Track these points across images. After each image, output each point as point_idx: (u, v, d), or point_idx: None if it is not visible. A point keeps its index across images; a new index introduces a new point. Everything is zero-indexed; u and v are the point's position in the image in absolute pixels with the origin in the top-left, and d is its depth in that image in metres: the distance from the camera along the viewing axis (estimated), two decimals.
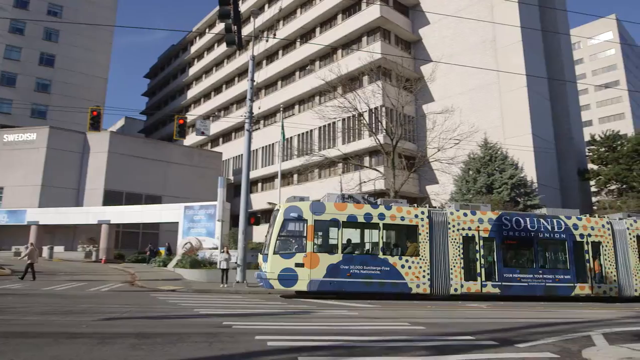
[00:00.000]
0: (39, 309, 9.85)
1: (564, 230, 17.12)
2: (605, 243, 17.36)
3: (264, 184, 44.06)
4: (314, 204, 15.53)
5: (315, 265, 14.79)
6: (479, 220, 16.48)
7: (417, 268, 15.43)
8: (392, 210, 15.84)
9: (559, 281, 16.60)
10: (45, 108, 48.85)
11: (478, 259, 16.05)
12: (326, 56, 40.26)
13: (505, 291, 15.96)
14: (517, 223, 16.85)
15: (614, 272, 17.17)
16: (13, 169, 36.78)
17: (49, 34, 50.75)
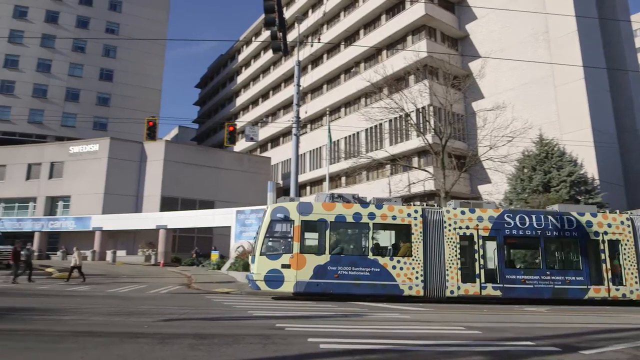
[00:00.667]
0: (104, 310, 10.44)
1: (575, 228, 15.75)
2: (625, 241, 15.76)
3: (312, 187, 44.43)
4: (301, 205, 15.26)
5: (301, 267, 14.54)
6: (478, 219, 15.53)
7: (410, 269, 14.80)
8: (383, 210, 15.31)
9: (570, 283, 15.24)
10: (106, 120, 51.88)
11: (477, 260, 15.12)
12: (371, 57, 40.10)
13: (507, 293, 14.98)
14: (522, 221, 15.71)
15: (636, 272, 15.51)
16: (79, 178, 39.29)
17: (107, 51, 53.95)
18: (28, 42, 50.62)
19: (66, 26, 52.76)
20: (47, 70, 51.57)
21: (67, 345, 6.33)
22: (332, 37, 43.27)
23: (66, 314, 9.61)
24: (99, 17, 54.59)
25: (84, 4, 54.25)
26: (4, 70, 50.33)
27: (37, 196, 40.63)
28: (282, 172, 48.68)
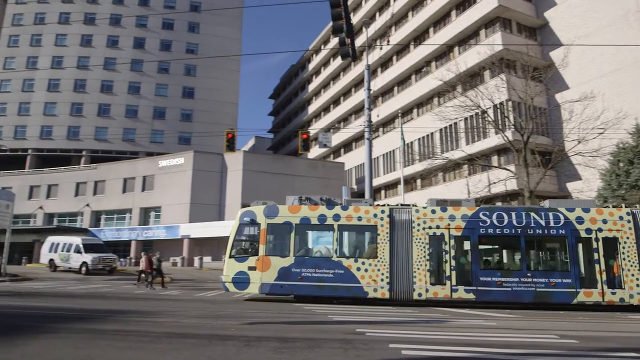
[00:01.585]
0: (194, 313, 11.12)
1: (563, 225, 14.21)
2: (623, 239, 13.91)
3: (387, 190, 44.00)
4: (267, 208, 15.38)
5: (266, 269, 14.67)
6: (450, 218, 14.63)
7: (375, 271, 14.33)
8: (349, 211, 14.98)
9: (555, 286, 13.79)
10: (189, 135, 55.39)
11: (448, 261, 14.25)
12: (442, 55, 39.00)
13: (481, 297, 13.91)
14: (499, 218, 14.48)
15: (637, 274, 13.62)
16: (167, 190, 42.26)
17: (188, 70, 57.73)
18: (120, 67, 55.63)
19: (151, 50, 57.30)
20: (136, 92, 56.29)
21: (162, 345, 6.84)
22: (400, 38, 42.73)
23: (161, 316, 10.37)
24: (180, 39, 58.61)
25: (166, 28, 58.58)
26: (101, 95, 55.67)
27: (132, 207, 44.27)
28: (356, 176, 48.76)
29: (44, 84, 55.86)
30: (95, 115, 55.12)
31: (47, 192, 47.78)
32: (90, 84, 55.90)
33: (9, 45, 57.70)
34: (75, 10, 57.54)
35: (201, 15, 58.32)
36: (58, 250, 31.32)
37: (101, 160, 50.95)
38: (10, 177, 47.86)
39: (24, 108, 55.56)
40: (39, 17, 58.12)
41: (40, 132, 54.68)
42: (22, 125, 55.09)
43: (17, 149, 53.21)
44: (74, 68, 55.11)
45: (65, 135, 54.46)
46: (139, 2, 58.27)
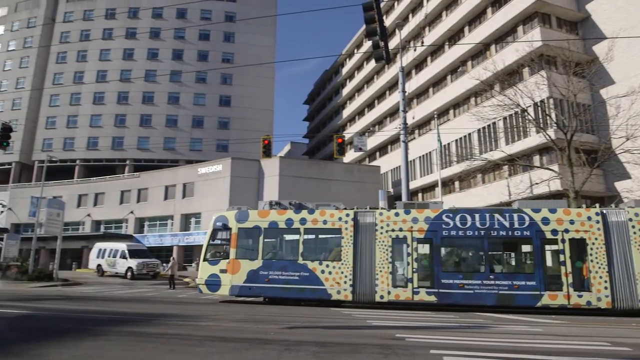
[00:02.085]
0: (234, 316, 11.32)
1: (528, 226, 13.93)
2: (592, 240, 13.55)
3: (424, 193, 43.35)
4: (238, 213, 15.95)
5: (236, 271, 15.26)
6: (413, 220, 14.67)
7: (339, 273, 14.63)
8: (315, 214, 15.35)
9: (519, 288, 13.57)
10: (227, 142, 56.57)
11: (410, 263, 14.34)
12: (478, 54, 38.16)
13: (442, 299, 13.96)
14: (463, 220, 14.40)
15: (606, 276, 13.17)
16: (207, 196, 43.25)
17: (224, 79, 59.08)
18: (160, 79, 57.59)
19: (189, 61, 59.03)
20: (176, 102, 58.07)
21: (204, 349, 7.00)
22: (435, 39, 42.15)
23: (202, 320, 10.61)
24: (216, 49, 60.10)
25: (203, 39, 60.23)
26: (142, 106, 57.78)
27: (173, 214, 45.58)
28: (392, 180, 48.33)
29: (90, 97, 58.56)
30: (137, 126, 57.27)
31: (94, 201, 49.92)
32: (132, 96, 58.18)
33: (57, 61, 60.90)
34: (117, 26, 60.12)
35: (236, 25, 59.61)
36: (105, 256, 32.67)
37: (144, 168, 52.80)
38: (60, 187, 50.33)
39: (72, 121, 58.42)
40: (84, 34, 61.07)
41: (87, 143, 57.30)
42: (71, 137, 57.91)
43: (66, 160, 55.90)
44: (117, 81, 57.54)
45: (110, 145, 56.85)
46: (176, 15, 60.22)
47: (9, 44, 63.33)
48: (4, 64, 62.58)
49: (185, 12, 60.23)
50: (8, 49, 63.09)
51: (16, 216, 48.85)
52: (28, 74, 60.91)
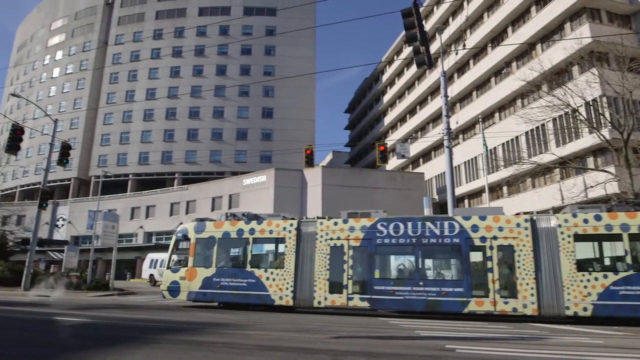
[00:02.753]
0: (281, 326, 11.42)
1: (457, 234, 14.26)
2: (519, 246, 13.68)
3: (471, 199, 42.20)
4: (197, 225, 17.08)
5: (193, 278, 16.38)
6: (350, 229, 15.32)
7: (281, 280, 15.43)
8: (263, 225, 16.27)
9: (447, 295, 13.91)
10: (270, 153, 57.59)
11: (345, 270, 14.92)
12: (523, 55, 36.95)
13: (375, 305, 14.55)
14: (396, 229, 14.91)
15: (533, 283, 13.30)
16: (252, 207, 43.96)
17: (266, 91, 60.35)
18: (205, 94, 59.65)
19: (232, 76, 60.81)
20: (220, 116, 59.87)
21: (254, 358, 7.10)
22: (477, 41, 41.24)
23: (250, 329, 10.79)
24: (258, 63, 61.60)
25: (245, 54, 61.92)
26: (189, 121, 59.94)
27: None
28: (436, 186, 47.39)
29: (140, 115, 61.43)
30: (185, 140, 59.42)
31: (146, 213, 52.08)
32: (179, 112, 60.52)
33: (110, 82, 64.39)
34: (164, 46, 62.94)
35: (276, 39, 60.88)
36: (157, 266, 33.90)
37: (191, 181, 54.58)
38: (114, 200, 52.90)
39: (124, 137, 61.44)
40: (134, 54, 64.33)
41: (139, 158, 59.99)
42: (124, 153, 60.87)
43: (120, 175, 58.75)
44: (165, 98, 60.15)
45: (160, 159, 59.25)
46: (219, 32, 62.28)
47: (67, 68, 67.64)
48: (63, 86, 66.85)
49: (228, 28, 62.19)
50: (66, 72, 67.38)
51: (75, 229, 51.69)
52: (84, 94, 64.74)
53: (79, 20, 69.74)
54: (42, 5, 77.19)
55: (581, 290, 12.95)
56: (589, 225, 13.43)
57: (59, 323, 10.68)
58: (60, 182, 61.70)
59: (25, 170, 64.55)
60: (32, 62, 72.42)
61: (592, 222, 13.44)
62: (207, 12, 63.61)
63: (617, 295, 12.66)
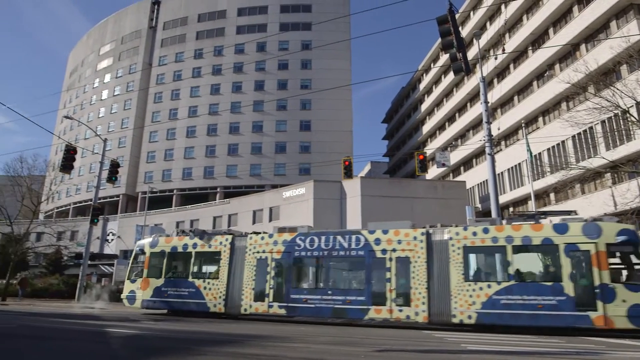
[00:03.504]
0: (323, 338, 11.41)
1: (362, 247, 15.50)
2: (415, 258, 14.72)
3: (516, 207, 40.78)
4: (152, 240, 19.16)
5: (146, 288, 18.39)
6: (274, 243, 16.93)
7: (216, 289, 17.22)
8: (204, 240, 18.25)
9: (350, 303, 15.15)
10: (308, 165, 58.08)
11: (267, 281, 16.45)
12: (566, 56, 35.66)
13: (291, 312, 15.92)
14: (311, 242, 16.33)
15: (425, 292, 14.20)
16: (292, 219, 44.40)
17: (304, 104, 61.12)
18: (244, 109, 61.14)
19: (270, 90, 62.06)
20: (259, 130, 61.07)
21: None
22: (516, 45, 40.20)
23: (293, 341, 10.84)
24: (294, 77, 62.61)
25: (282, 69, 63.12)
26: (229, 136, 61.51)
27: None
28: (479, 195, 46.18)
29: (183, 132, 63.60)
30: (225, 155, 60.93)
31: (190, 227, 53.56)
32: (220, 127, 62.23)
33: (155, 101, 67.17)
34: (205, 64, 65.18)
35: (312, 52, 61.69)
36: None
37: (233, 195, 55.76)
38: (160, 215, 54.74)
39: (168, 154, 63.73)
40: (176, 74, 66.92)
41: (182, 173, 61.99)
42: (168, 169, 63.07)
43: (165, 190, 60.86)
44: (206, 115, 62.10)
45: (202, 174, 60.97)
46: (257, 49, 63.84)
47: (115, 89, 71.16)
48: (111, 107, 70.32)
49: (265, 45, 63.65)
50: (114, 94, 70.89)
51: (124, 243, 53.78)
52: (131, 114, 67.79)
53: (125, 44, 73.42)
54: (91, 31, 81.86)
55: (467, 299, 13.76)
56: (477, 238, 14.19)
57: (110, 334, 11.13)
58: (110, 199, 64.54)
59: (78, 188, 68.02)
60: (83, 85, 76.73)
61: (481, 234, 14.18)
62: (244, 30, 65.45)
63: (499, 304, 13.38)
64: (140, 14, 73.94)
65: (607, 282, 12.63)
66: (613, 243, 12.95)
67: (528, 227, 13.89)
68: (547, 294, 13.05)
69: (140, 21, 73.26)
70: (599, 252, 12.91)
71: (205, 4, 69.07)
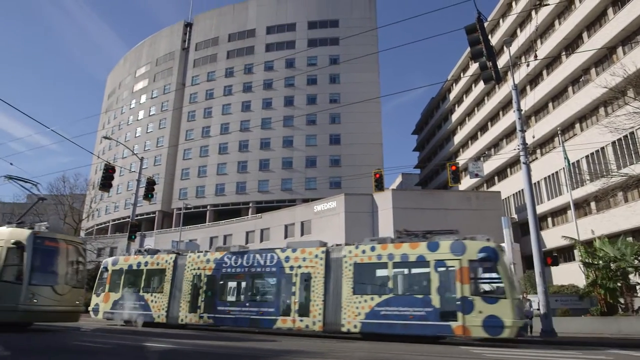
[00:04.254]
0: (357, 354, 11.30)
1: (275, 264, 17.26)
2: (315, 274, 16.42)
3: (554, 217, 39.42)
4: (114, 259, 21.82)
5: (107, 301, 20.70)
6: (207, 261, 18.94)
7: (160, 302, 19.37)
8: (154, 258, 20.43)
9: (262, 314, 16.88)
10: (339, 179, 58.13)
11: (200, 294, 18.49)
12: (602, 60, 34.54)
13: (217, 322, 17.92)
14: (236, 260, 18.26)
15: (321, 304, 15.95)
16: (324, 233, 44.42)
17: (333, 118, 61.48)
18: (274, 125, 62.03)
19: (300, 105, 62.80)
20: (290, 145, 61.74)
21: None
22: (549, 50, 39.30)
23: (328, 357, 10.78)
24: (323, 91, 63.20)
25: (311, 84, 63.86)
26: (260, 152, 62.43)
27: None
28: (515, 205, 44.92)
29: (216, 149, 65.02)
30: (257, 170, 61.81)
31: (223, 241, 54.30)
32: (251, 143, 63.30)
33: (188, 120, 69.12)
34: (235, 82, 66.75)
35: (340, 67, 62.17)
36: None
37: (265, 209, 56.34)
38: (195, 230, 55.85)
39: (202, 171, 65.20)
40: (208, 93, 68.77)
41: (215, 189, 63.20)
42: (202, 186, 64.46)
43: (199, 206, 62.13)
44: (238, 131, 63.33)
45: (235, 190, 61.97)
46: (285, 65, 64.91)
47: (150, 110, 73.71)
48: (147, 126, 72.79)
49: (293, 61, 64.65)
50: (150, 114, 73.42)
51: None
52: (165, 133, 69.92)
53: (160, 65, 76.15)
54: (128, 55, 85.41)
55: (354, 311, 15.32)
56: (366, 255, 15.80)
57: (148, 349, 11.38)
58: (147, 215, 66.40)
59: (116, 206, 70.37)
60: (120, 106, 79.91)
61: (368, 252, 15.79)
62: (273, 48, 66.76)
63: (379, 315, 14.82)
64: (174, 36, 76.69)
65: (467, 295, 13.81)
66: (474, 260, 14.11)
67: (407, 245, 15.36)
68: (418, 305, 14.43)
69: (174, 43, 75.94)
70: (462, 268, 14.15)
71: (235, 24, 71.01)
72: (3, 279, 14.15)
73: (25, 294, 13.83)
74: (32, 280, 14.14)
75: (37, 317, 14.54)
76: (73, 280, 15.64)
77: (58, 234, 15.83)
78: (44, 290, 14.31)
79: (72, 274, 15.70)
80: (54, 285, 14.68)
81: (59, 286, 14.83)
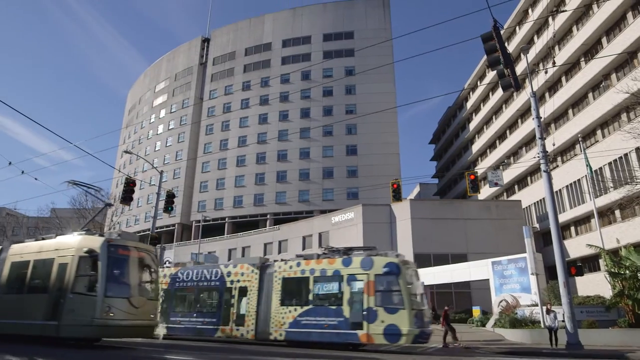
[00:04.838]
0: None
1: (219, 278, 19.02)
2: (251, 287, 18.12)
3: (577, 226, 38.54)
4: None
5: None
6: (164, 275, 20.27)
7: None
8: None
9: (207, 324, 18.45)
10: (356, 190, 58.02)
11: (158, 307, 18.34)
12: (623, 65, 33.93)
13: (170, 332, 19.13)
14: (187, 275, 19.96)
15: (254, 315, 17.55)
16: (342, 243, 43.87)
17: (349, 129, 61.59)
18: (291, 137, 62.38)
19: (316, 117, 63.12)
20: (307, 157, 61.98)
21: None
22: (567, 57, 38.80)
23: None
24: (339, 102, 63.46)
25: (327, 95, 64.23)
26: (278, 163, 62.80)
27: None
28: (536, 214, 44.11)
29: (234, 161, 65.67)
30: (274, 182, 62.13)
31: (241, 253, 54.49)
32: (269, 155, 63.77)
33: (206, 133, 70.08)
34: (252, 95, 67.57)
35: (356, 78, 62.38)
36: None
37: (282, 221, 56.47)
38: (213, 242, 56.23)
39: (220, 183, 65.85)
40: (226, 106, 69.74)
41: (233, 202, 63.69)
42: (220, 198, 65.04)
43: (217, 218, 62.63)
44: (255, 144, 63.90)
45: (252, 202, 62.34)
46: (301, 78, 65.49)
47: (169, 124, 75.00)
48: (166, 140, 74.03)
49: (309, 73, 65.23)
50: (169, 128, 74.69)
51: None
52: (184, 146, 70.99)
53: (178, 80, 77.63)
54: (147, 71, 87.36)
55: (280, 320, 16.93)
56: (292, 270, 17.44)
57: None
58: (166, 228, 67.19)
59: (137, 219, 71.41)
60: (140, 121, 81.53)
61: (294, 267, 17.46)
62: (289, 61, 67.49)
63: (300, 324, 16.40)
64: (192, 51, 78.21)
65: (372, 306, 15.23)
66: (380, 274, 15.55)
67: (327, 261, 16.92)
68: (331, 315, 15.97)
69: (192, 58, 77.42)
70: (369, 282, 15.61)
71: (251, 38, 72.10)
72: (75, 290, 13.08)
73: (101, 307, 12.54)
74: (107, 292, 12.82)
75: (113, 332, 13.21)
76: (147, 291, 14.47)
77: (129, 242, 14.47)
78: (120, 303, 13.02)
79: (146, 284, 14.60)
80: (130, 298, 13.38)
81: (135, 298, 13.52)
